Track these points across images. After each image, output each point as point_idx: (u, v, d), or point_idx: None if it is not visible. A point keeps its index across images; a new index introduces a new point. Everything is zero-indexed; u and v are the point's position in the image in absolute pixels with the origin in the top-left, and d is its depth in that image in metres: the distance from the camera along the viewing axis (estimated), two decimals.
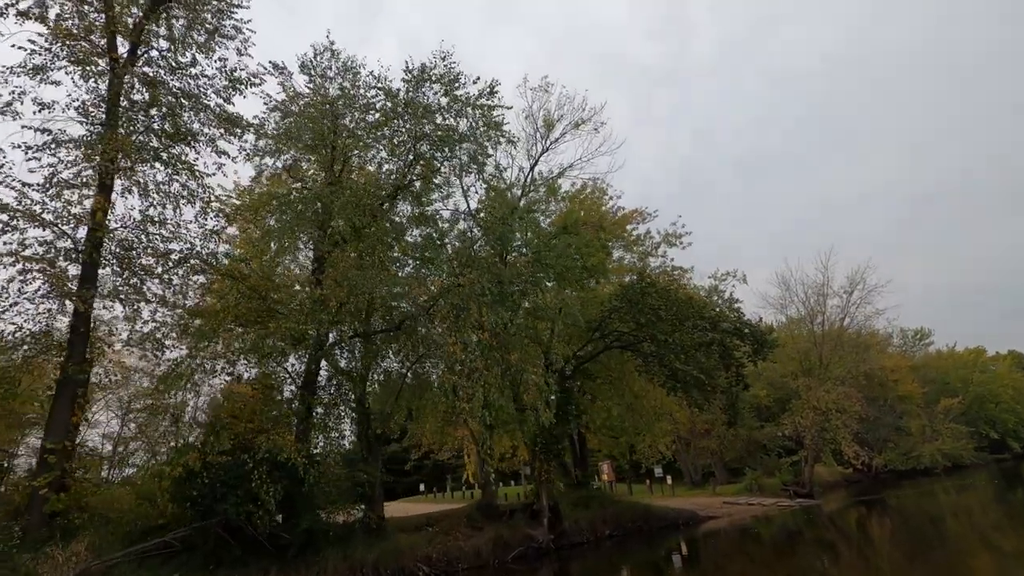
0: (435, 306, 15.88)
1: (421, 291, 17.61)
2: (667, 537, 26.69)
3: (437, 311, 15.84)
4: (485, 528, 20.99)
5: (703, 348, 21.70)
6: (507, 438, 27.21)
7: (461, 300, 15.50)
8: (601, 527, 25.39)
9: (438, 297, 15.92)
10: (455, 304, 15.56)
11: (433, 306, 15.91)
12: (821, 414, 39.34)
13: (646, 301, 21.62)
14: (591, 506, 26.58)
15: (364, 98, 20.91)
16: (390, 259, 19.80)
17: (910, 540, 22.29)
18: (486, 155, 20.97)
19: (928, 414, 56.65)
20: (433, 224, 20.37)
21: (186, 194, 18.74)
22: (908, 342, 71.47)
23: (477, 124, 20.45)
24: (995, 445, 70.03)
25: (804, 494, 39.25)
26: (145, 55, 18.44)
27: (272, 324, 15.48)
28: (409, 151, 20.65)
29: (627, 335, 23.48)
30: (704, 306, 23.37)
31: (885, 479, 53.71)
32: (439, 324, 16.60)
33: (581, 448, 30.51)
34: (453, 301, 15.67)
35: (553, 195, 24.78)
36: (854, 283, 43.72)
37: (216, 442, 14.92)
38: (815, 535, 25.80)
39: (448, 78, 19.68)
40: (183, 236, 18.38)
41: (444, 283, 16.93)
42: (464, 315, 15.38)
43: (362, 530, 18.17)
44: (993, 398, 68.43)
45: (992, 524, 24.94)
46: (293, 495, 15.45)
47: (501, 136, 21.35)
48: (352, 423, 20.52)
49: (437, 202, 22.42)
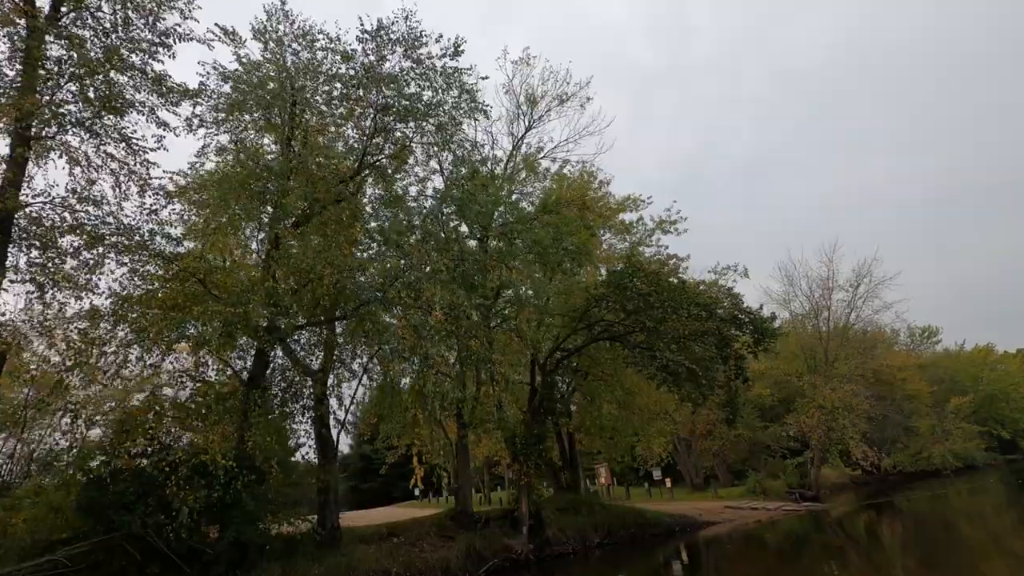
0: (389, 288, 13.55)
1: (378, 273, 15.31)
2: (662, 545, 24.28)
3: (394, 294, 13.53)
4: (457, 538, 18.59)
5: (697, 338, 19.32)
6: (487, 439, 24.84)
7: (415, 280, 13.23)
8: (590, 535, 22.92)
9: (395, 278, 13.60)
10: (408, 283, 13.29)
11: (388, 288, 13.58)
12: (827, 413, 36.95)
13: (634, 286, 19.27)
14: (580, 512, 24.12)
15: (324, 65, 18.74)
16: (353, 242, 17.58)
17: (925, 547, 20.16)
18: (456, 124, 18.74)
19: (938, 413, 54.01)
20: (402, 205, 18.09)
21: (119, 168, 16.61)
22: (915, 340, 68.72)
23: (443, 90, 18.20)
24: (1005, 445, 67.39)
25: (811, 497, 36.76)
26: (71, 14, 16.32)
27: (197, 308, 13.21)
28: (371, 123, 18.46)
29: (616, 325, 21.11)
30: (698, 293, 20.96)
31: (894, 481, 51.21)
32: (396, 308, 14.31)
33: (570, 450, 28.04)
34: (406, 280, 13.39)
35: (532, 172, 22.41)
36: (860, 276, 41.25)
37: (125, 443, 12.66)
38: (824, 542, 23.34)
39: (410, 39, 17.45)
40: (119, 215, 16.26)
41: (402, 264, 14.62)
42: (415, 295, 13.10)
43: (312, 542, 15.84)
44: (1004, 397, 65.57)
45: (1008, 528, 23.09)
46: (227, 504, 13.14)
47: (473, 106, 19.14)
48: (311, 424, 18.20)
49: (413, 186, 20.24)
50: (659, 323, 18.50)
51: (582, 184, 23.20)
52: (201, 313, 13.19)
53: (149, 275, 15.29)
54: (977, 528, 23.88)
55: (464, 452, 20.65)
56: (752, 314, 20.90)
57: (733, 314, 20.96)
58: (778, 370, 46.74)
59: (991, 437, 61.49)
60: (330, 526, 16.40)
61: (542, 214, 19.61)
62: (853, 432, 36.74)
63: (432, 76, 18.67)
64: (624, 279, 19.65)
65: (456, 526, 19.39)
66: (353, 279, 14.25)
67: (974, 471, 55.77)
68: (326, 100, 19.14)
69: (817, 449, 38.37)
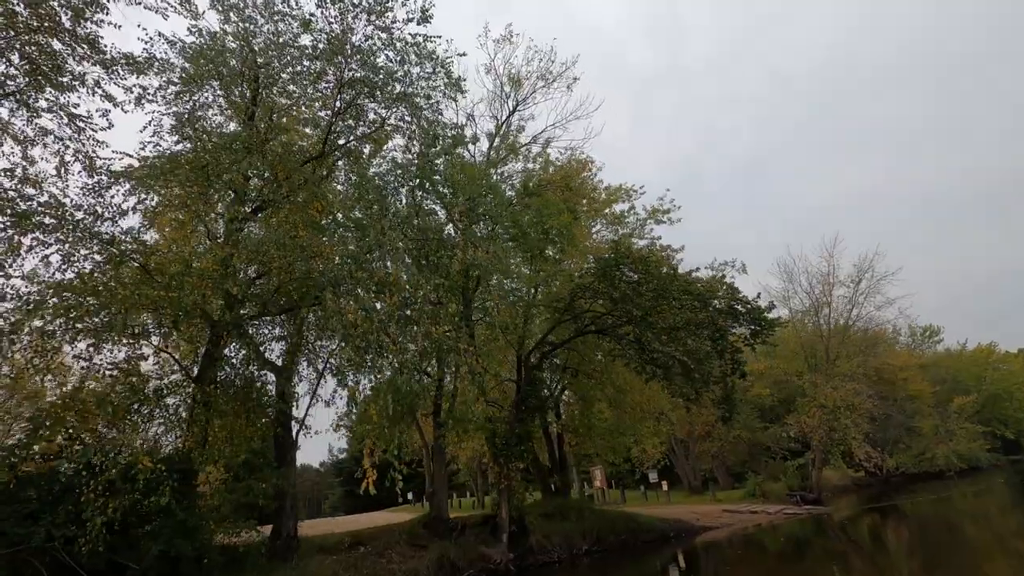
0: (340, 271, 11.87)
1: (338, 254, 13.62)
2: (656, 552, 22.53)
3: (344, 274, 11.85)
4: (430, 547, 16.86)
5: (690, 329, 17.63)
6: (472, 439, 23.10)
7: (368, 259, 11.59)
8: (577, 542, 21.14)
9: (353, 260, 11.91)
10: (361, 263, 11.64)
11: (339, 271, 11.90)
12: (829, 412, 35.22)
13: (621, 275, 17.62)
14: (568, 518, 22.35)
15: (287, 36, 17.14)
16: (312, 224, 15.92)
17: (931, 551, 18.67)
18: (428, 99, 17.12)
19: (941, 414, 52.24)
20: (369, 184, 16.43)
21: (62, 147, 15.03)
22: (917, 340, 66.85)
23: (415, 63, 16.59)
24: (1009, 446, 65.57)
25: (812, 500, 35.00)
26: None
27: (123, 291, 11.57)
28: (337, 98, 16.86)
29: (603, 317, 19.44)
30: (691, 282, 19.27)
31: (897, 483, 49.48)
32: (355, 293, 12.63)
33: (560, 451, 26.30)
34: (360, 260, 11.75)
35: (513, 153, 20.71)
36: (862, 271, 39.50)
37: (35, 444, 11.03)
38: (827, 547, 21.61)
39: (374, 4, 15.82)
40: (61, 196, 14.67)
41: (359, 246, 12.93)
42: (368, 276, 11.47)
43: (265, 553, 14.15)
44: (1008, 396, 63.76)
45: (1015, 532, 21.51)
46: (152, 513, 11.46)
47: (448, 82, 17.56)
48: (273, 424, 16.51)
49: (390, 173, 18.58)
50: (647, 312, 16.82)
51: (568, 169, 21.47)
52: (127, 298, 11.55)
53: (84, 258, 13.68)
54: (983, 531, 22.53)
55: (440, 454, 18.96)
56: (749, 304, 19.21)
57: (729, 304, 19.28)
58: (778, 369, 45.17)
59: (994, 438, 59.70)
60: (286, 535, 14.71)
61: (524, 197, 17.99)
62: (855, 432, 35.08)
63: (404, 50, 17.10)
64: (610, 267, 18.01)
65: (429, 534, 17.67)
66: (305, 263, 12.63)
67: (978, 472, 54.05)
68: (292, 76, 17.58)
69: (818, 450, 36.69)
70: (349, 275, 11.56)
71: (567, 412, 26.96)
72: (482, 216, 15.44)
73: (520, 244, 18.81)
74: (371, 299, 11.17)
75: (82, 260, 13.95)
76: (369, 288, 11.47)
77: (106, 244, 13.74)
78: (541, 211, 16.92)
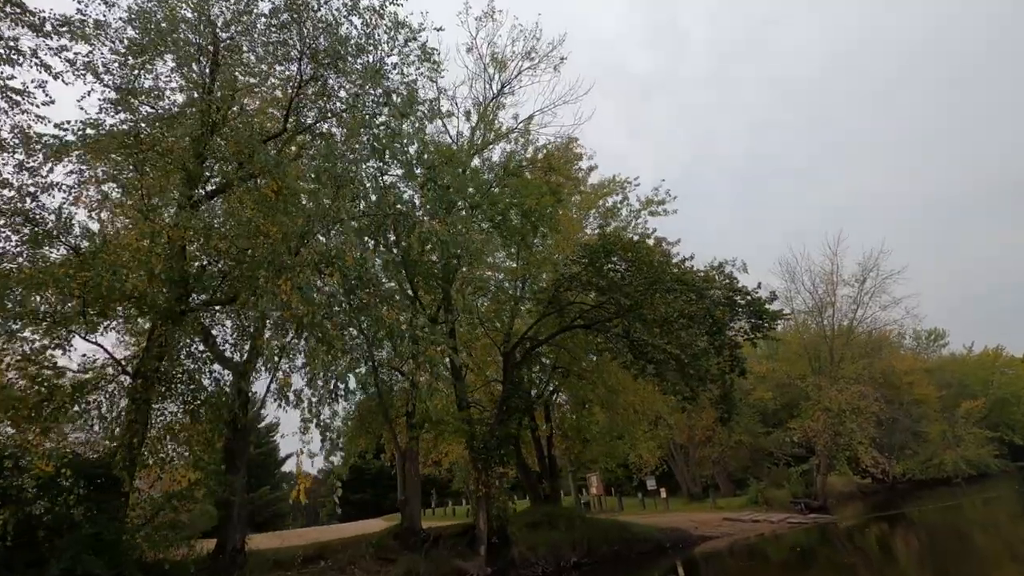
0: (280, 248, 10.22)
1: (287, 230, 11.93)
2: (651, 564, 20.70)
3: (284, 251, 10.21)
4: (398, 560, 15.05)
5: (683, 322, 15.88)
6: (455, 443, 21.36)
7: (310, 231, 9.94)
8: (565, 553, 19.25)
9: (300, 236, 10.26)
10: (305, 235, 9.99)
11: (279, 248, 10.25)
12: (834, 416, 33.33)
13: (610, 262, 15.92)
14: (557, 527, 20.47)
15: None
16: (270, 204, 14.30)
17: (944, 562, 17.34)
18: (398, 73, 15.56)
19: (948, 418, 50.17)
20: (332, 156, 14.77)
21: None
22: (922, 343, 64.70)
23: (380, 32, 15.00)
24: (1016, 451, 63.17)
25: (817, 507, 33.01)
26: None
27: (29, 271, 9.94)
28: (298, 70, 15.29)
29: (592, 310, 17.72)
30: (686, 272, 17.55)
31: (903, 489, 47.36)
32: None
33: (549, 455, 24.43)
34: (301, 231, 10.10)
35: (498, 139, 18.93)
36: (867, 270, 37.61)
37: None
38: (836, 560, 19.69)
39: None
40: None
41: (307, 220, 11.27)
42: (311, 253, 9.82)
43: (207, 570, 12.40)
44: (1016, 400, 61.55)
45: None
46: (51, 526, 9.75)
47: (421, 54, 15.99)
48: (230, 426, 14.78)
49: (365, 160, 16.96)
50: (637, 303, 15.09)
51: (550, 148, 19.66)
52: (29, 278, 9.91)
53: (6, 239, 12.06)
54: (994, 540, 21.11)
55: (413, 458, 17.19)
56: (749, 295, 17.42)
57: (727, 296, 17.51)
58: (780, 372, 43.22)
59: (1002, 443, 57.49)
60: (231, 549, 12.93)
61: (504, 177, 16.35)
62: (862, 437, 33.22)
63: (372, 20, 15.54)
64: (598, 255, 16.31)
65: (400, 546, 15.86)
66: (248, 241, 11.01)
67: (986, 478, 51.85)
68: (252, 45, 16.03)
69: (823, 455, 34.77)
70: (289, 252, 9.92)
71: (557, 414, 25.14)
72: (448, 189, 13.75)
73: (501, 230, 17.14)
74: (311, 277, 9.50)
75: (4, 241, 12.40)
76: (312, 266, 9.78)
77: (29, 223, 12.16)
78: (520, 191, 15.26)
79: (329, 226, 10.26)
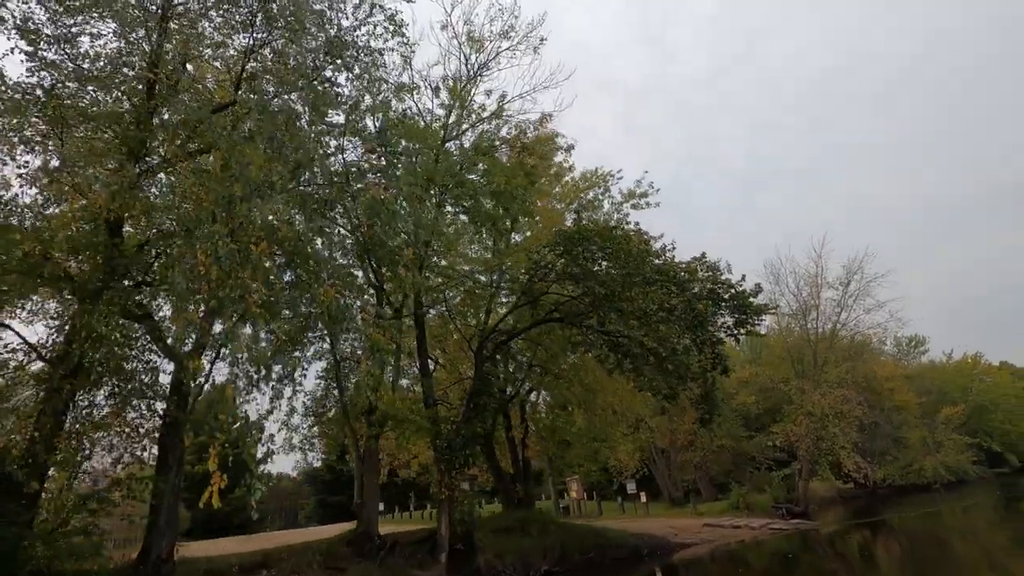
0: (202, 214, 8.82)
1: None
2: (627, 572, 19.41)
3: (205, 216, 8.80)
4: (349, 570, 13.63)
5: (661, 316, 14.64)
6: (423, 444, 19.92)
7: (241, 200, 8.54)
8: (536, 561, 17.87)
9: (225, 202, 8.83)
10: (232, 202, 8.60)
11: (201, 214, 8.85)
12: (817, 420, 32.32)
13: (585, 251, 14.67)
14: (528, 532, 19.09)
15: None
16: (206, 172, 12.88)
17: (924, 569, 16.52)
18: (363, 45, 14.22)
19: (928, 425, 49.59)
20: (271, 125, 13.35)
21: None
22: (902, 350, 64.25)
23: None
24: (993, 459, 62.90)
25: (799, 513, 31.89)
26: None
27: None
28: (250, 34, 13.92)
29: (567, 303, 16.44)
30: (671, 264, 16.32)
31: (883, 495, 46.64)
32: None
33: (523, 458, 23.05)
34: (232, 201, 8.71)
35: (465, 109, 17.55)
36: (851, 273, 36.69)
37: None
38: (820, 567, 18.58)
39: None
40: None
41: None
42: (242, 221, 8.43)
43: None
44: (994, 407, 61.27)
45: (1006, 549, 19.71)
46: None
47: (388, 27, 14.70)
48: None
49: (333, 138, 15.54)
50: (613, 292, 13.84)
51: (523, 126, 18.32)
52: None
53: None
54: (973, 547, 20.58)
55: (371, 459, 15.77)
56: (733, 287, 16.21)
57: (710, 289, 16.30)
58: (763, 376, 42.34)
59: (979, 450, 57.09)
60: (156, 557, 11.41)
61: (475, 156, 15.05)
62: (844, 441, 32.26)
63: None
64: (572, 242, 15.04)
65: (353, 553, 14.41)
66: (174, 211, 9.63)
67: (964, 485, 51.35)
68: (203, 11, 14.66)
69: (805, 460, 33.70)
70: (212, 219, 8.55)
71: (530, 415, 23.78)
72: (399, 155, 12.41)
73: (473, 215, 15.84)
74: (228, 245, 8.10)
75: None
76: (228, 231, 8.35)
77: None
78: (490, 171, 13.98)
79: (264, 194, 8.87)
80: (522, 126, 17.26)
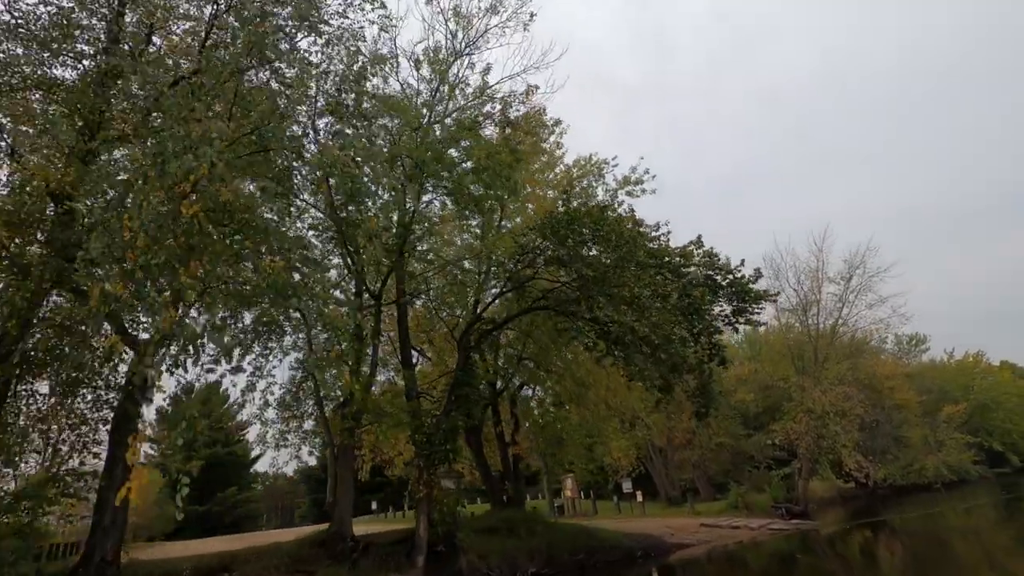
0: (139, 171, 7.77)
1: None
2: (618, 574, 18.33)
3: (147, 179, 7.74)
4: (318, 572, 12.55)
5: (659, 305, 13.55)
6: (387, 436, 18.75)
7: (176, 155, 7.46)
8: (523, 563, 16.77)
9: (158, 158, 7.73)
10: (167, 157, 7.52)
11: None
12: (817, 418, 31.19)
13: (574, 232, 13.59)
14: (516, 533, 18.00)
15: None
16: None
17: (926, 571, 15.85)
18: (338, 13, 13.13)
19: (929, 424, 48.42)
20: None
21: None
22: (903, 348, 63.08)
23: None
24: (994, 458, 61.76)
25: (799, 513, 30.85)
26: None
27: None
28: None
29: (555, 290, 15.36)
30: (664, 249, 15.25)
31: (884, 495, 45.63)
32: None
33: (513, 455, 21.92)
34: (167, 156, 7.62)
35: (447, 85, 16.41)
36: (853, 268, 35.49)
37: None
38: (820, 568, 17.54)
39: None
40: None
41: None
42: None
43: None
44: (996, 406, 60.10)
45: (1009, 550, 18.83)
46: None
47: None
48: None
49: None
50: (602, 276, 12.76)
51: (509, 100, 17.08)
52: None
53: None
54: (974, 548, 19.86)
55: (346, 456, 14.69)
56: (731, 272, 15.14)
57: (707, 275, 15.21)
58: (763, 373, 41.19)
59: (980, 449, 55.97)
60: (99, 560, 10.32)
61: (458, 132, 13.99)
62: (846, 440, 31.11)
63: None
64: (559, 224, 13.97)
65: (324, 554, 13.32)
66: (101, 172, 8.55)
67: (966, 485, 50.31)
68: None
69: (806, 459, 32.58)
70: (144, 180, 7.49)
71: (521, 410, 22.66)
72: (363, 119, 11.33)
73: (457, 198, 14.78)
74: (155, 208, 7.05)
75: None
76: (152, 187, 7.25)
77: None
78: (472, 148, 12.93)
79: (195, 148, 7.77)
80: (507, 100, 16.18)
